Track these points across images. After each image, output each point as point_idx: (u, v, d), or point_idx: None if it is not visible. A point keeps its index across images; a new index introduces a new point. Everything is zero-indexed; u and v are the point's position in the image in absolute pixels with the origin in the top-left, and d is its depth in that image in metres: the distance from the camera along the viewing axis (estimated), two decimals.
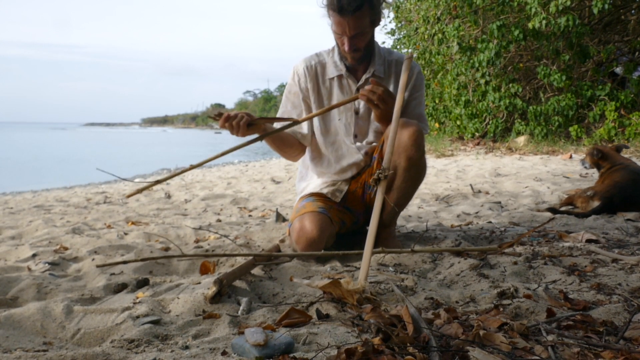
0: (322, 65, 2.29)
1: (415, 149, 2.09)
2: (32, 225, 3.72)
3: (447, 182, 5.58)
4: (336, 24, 2.09)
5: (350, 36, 2.10)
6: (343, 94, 2.27)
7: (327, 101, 2.29)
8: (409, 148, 2.08)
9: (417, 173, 2.17)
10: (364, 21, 2.09)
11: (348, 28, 2.07)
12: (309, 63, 2.30)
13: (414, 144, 2.08)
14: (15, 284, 1.96)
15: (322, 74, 2.29)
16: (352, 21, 2.06)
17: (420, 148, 2.11)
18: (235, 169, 10.84)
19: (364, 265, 1.64)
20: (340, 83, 2.28)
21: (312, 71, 2.29)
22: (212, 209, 4.53)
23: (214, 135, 55.76)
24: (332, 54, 2.29)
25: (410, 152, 2.08)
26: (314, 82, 2.29)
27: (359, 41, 2.13)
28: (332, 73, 2.27)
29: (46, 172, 12.93)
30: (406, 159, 2.09)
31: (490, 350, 1.10)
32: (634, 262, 1.87)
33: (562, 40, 9.14)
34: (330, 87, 2.29)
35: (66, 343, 1.41)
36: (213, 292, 1.56)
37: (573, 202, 3.41)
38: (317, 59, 2.31)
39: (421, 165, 2.17)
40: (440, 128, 11.98)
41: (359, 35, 2.12)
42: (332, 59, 2.28)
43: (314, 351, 1.17)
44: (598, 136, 8.80)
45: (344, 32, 2.09)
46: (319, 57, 2.32)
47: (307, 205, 2.25)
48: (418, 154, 2.11)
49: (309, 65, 2.29)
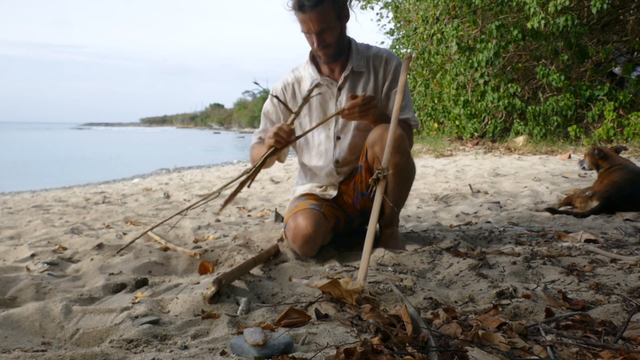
0: (298, 80, 2.33)
1: (399, 155, 2.11)
2: (30, 225, 3.71)
3: (446, 182, 5.58)
4: (301, 22, 2.12)
5: (317, 32, 2.12)
6: (325, 99, 2.29)
7: (308, 111, 2.31)
8: (393, 155, 2.09)
9: (406, 175, 2.20)
10: (328, 15, 2.10)
11: (312, 24, 2.10)
12: (286, 81, 2.35)
13: (397, 151, 2.09)
14: (14, 284, 1.96)
15: (299, 89, 2.33)
16: (314, 16, 2.08)
17: (404, 152, 2.14)
18: (234, 169, 10.84)
19: (362, 265, 1.64)
20: (319, 90, 2.28)
21: (290, 89, 2.34)
22: (211, 209, 4.52)
23: (213, 135, 55.77)
24: (307, 65, 2.32)
25: (395, 158, 2.10)
26: (293, 98, 2.33)
27: (327, 36, 2.14)
28: (307, 85, 2.29)
29: (45, 172, 12.92)
30: (393, 166, 2.11)
31: (489, 350, 1.10)
32: (632, 262, 1.87)
33: (561, 40, 9.15)
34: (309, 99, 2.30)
35: (65, 343, 1.41)
36: (212, 292, 1.56)
37: (572, 202, 3.41)
38: (292, 75, 2.35)
39: (408, 168, 2.20)
40: (439, 128, 11.98)
41: (326, 31, 2.13)
42: (307, 71, 2.31)
43: (313, 351, 1.17)
44: (597, 136, 8.80)
45: (309, 29, 2.12)
46: (295, 72, 2.36)
47: (299, 204, 2.27)
48: (403, 158, 2.14)
49: (285, 84, 2.35)
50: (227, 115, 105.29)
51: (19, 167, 14.96)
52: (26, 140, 38.16)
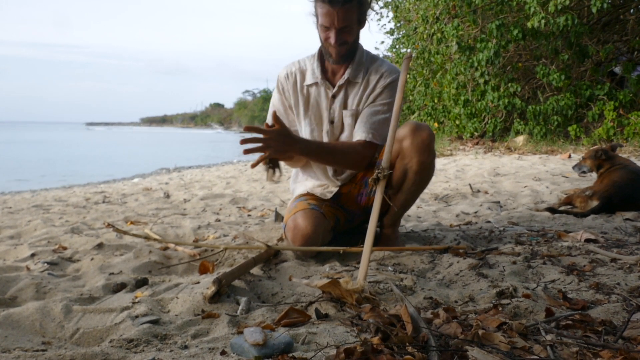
0: (301, 72, 2.32)
1: (428, 153, 2.11)
2: (31, 224, 3.71)
3: (446, 182, 5.58)
4: (324, 15, 2.09)
5: (339, 28, 2.11)
6: (320, 101, 2.29)
7: (305, 106, 2.31)
8: (423, 152, 2.09)
9: (427, 176, 2.19)
10: (352, 16, 2.10)
11: (337, 19, 2.08)
12: (289, 70, 2.33)
13: (427, 149, 2.10)
14: (14, 283, 1.95)
15: (301, 81, 2.31)
16: (341, 12, 2.07)
17: (432, 152, 2.13)
18: (234, 169, 10.84)
19: (363, 264, 1.64)
20: (317, 90, 2.29)
21: (292, 78, 2.32)
22: (211, 208, 4.52)
23: (213, 134, 55.75)
24: (313, 60, 2.30)
25: (424, 156, 2.10)
26: (294, 88, 2.32)
27: (346, 35, 2.14)
28: (309, 80, 2.29)
29: (45, 173, 12.92)
30: (418, 163, 2.10)
31: (489, 350, 1.10)
32: (632, 261, 1.87)
33: (561, 39, 9.15)
34: (308, 94, 2.30)
35: (65, 343, 1.41)
36: (212, 292, 1.56)
37: (572, 201, 3.41)
38: (297, 65, 2.34)
39: (431, 169, 2.19)
40: (439, 127, 11.98)
41: (347, 29, 2.12)
42: (311, 66, 2.30)
43: (313, 351, 1.17)
44: (597, 136, 8.81)
45: (332, 23, 2.10)
46: (300, 63, 2.34)
47: (298, 205, 2.27)
48: (430, 158, 2.13)
49: (289, 72, 2.33)
50: (227, 115, 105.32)
51: (17, 167, 14.95)
52: (25, 139, 38.15)
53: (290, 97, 2.32)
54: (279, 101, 2.36)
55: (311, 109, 2.30)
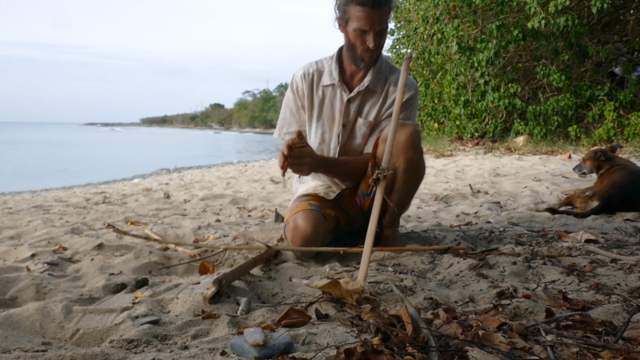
0: (319, 73, 2.30)
1: (413, 150, 2.09)
2: (31, 225, 3.71)
3: (447, 182, 5.58)
4: (363, 19, 2.03)
5: (377, 31, 2.06)
6: (335, 103, 2.28)
7: (319, 107, 2.30)
8: (407, 150, 2.08)
9: (417, 174, 2.17)
10: (388, 18, 2.08)
11: (377, 22, 2.04)
12: (307, 70, 2.31)
13: (412, 146, 2.08)
14: (14, 284, 1.96)
15: (317, 82, 2.29)
16: (381, 13, 2.03)
17: (418, 149, 2.11)
18: (234, 169, 10.84)
19: (363, 265, 1.64)
20: (334, 92, 2.27)
21: (309, 78, 2.30)
22: (212, 209, 4.53)
23: (213, 135, 55.76)
24: (332, 61, 2.28)
25: (409, 154, 2.09)
26: (310, 89, 2.30)
27: (381, 39, 2.11)
28: (326, 81, 2.27)
29: (44, 172, 12.92)
30: (405, 161, 2.10)
31: (489, 350, 1.10)
32: (632, 262, 1.87)
33: (561, 40, 9.15)
34: (323, 95, 2.29)
35: (65, 343, 1.41)
36: (212, 292, 1.56)
37: (572, 202, 3.41)
38: (315, 66, 2.32)
39: (420, 166, 2.17)
40: (439, 128, 11.99)
41: (383, 32, 2.10)
42: (329, 67, 2.28)
43: (313, 351, 1.17)
44: (597, 136, 8.81)
45: (372, 26, 2.04)
46: (318, 64, 2.32)
47: (299, 205, 2.27)
48: (416, 155, 2.11)
49: (306, 72, 2.31)
50: (227, 116, 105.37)
51: (16, 167, 14.95)
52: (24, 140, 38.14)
53: (305, 97, 2.30)
54: (292, 100, 2.34)
55: (325, 110, 2.29)
